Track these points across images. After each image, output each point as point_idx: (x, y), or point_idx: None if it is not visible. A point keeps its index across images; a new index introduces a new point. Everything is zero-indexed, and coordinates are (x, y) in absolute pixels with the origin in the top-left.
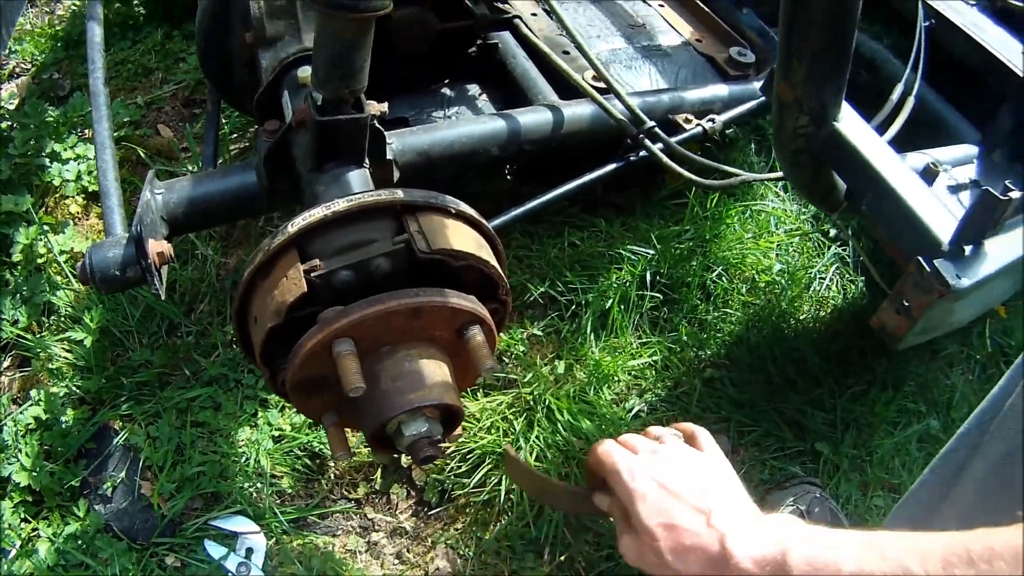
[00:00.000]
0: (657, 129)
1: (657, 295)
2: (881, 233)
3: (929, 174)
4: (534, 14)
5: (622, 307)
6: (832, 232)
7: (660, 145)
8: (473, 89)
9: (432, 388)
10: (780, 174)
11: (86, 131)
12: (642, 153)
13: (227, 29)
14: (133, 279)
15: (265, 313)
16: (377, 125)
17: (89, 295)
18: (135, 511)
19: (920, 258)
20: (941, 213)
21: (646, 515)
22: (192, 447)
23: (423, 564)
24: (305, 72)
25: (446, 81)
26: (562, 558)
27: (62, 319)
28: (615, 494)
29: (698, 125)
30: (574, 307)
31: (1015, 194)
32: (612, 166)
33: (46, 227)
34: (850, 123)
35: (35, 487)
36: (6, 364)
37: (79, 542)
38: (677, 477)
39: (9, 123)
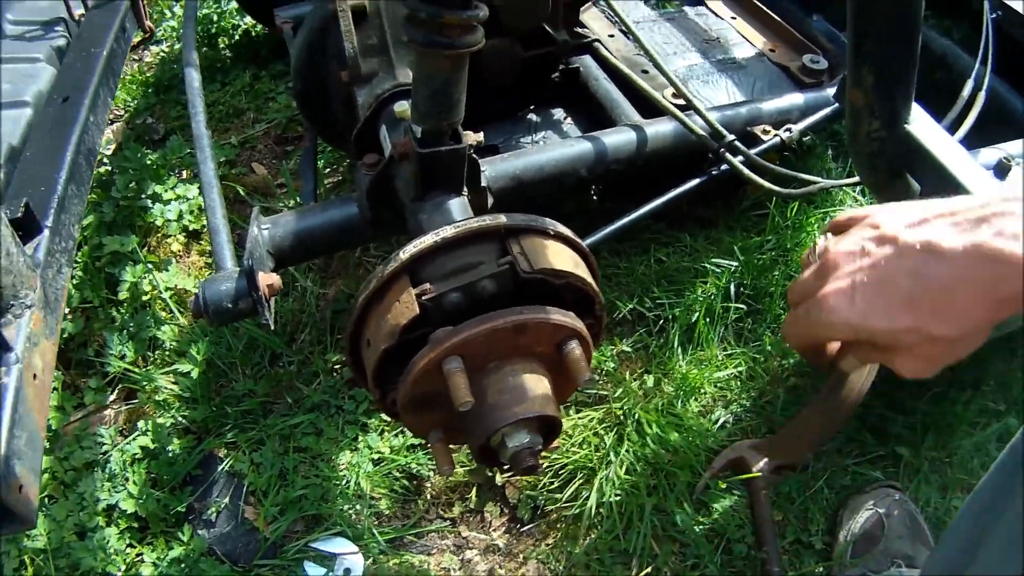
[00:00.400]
0: (737, 142)
1: (741, 306)
2: None
3: (1002, 169)
4: (611, 35)
5: (708, 320)
6: None
7: (740, 158)
8: (558, 113)
9: (534, 401)
10: (858, 179)
11: (183, 172)
12: (724, 166)
13: (322, 69)
14: (245, 311)
15: (379, 336)
16: (472, 155)
17: (192, 329)
18: (238, 535)
19: None
20: None
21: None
22: (295, 472)
23: None
24: (402, 107)
25: (531, 107)
26: (649, 569)
27: (167, 353)
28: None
29: (776, 136)
30: (661, 322)
31: None
32: (696, 181)
33: (150, 265)
34: (921, 124)
35: (141, 513)
36: (112, 398)
37: (182, 566)
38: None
39: (109, 167)
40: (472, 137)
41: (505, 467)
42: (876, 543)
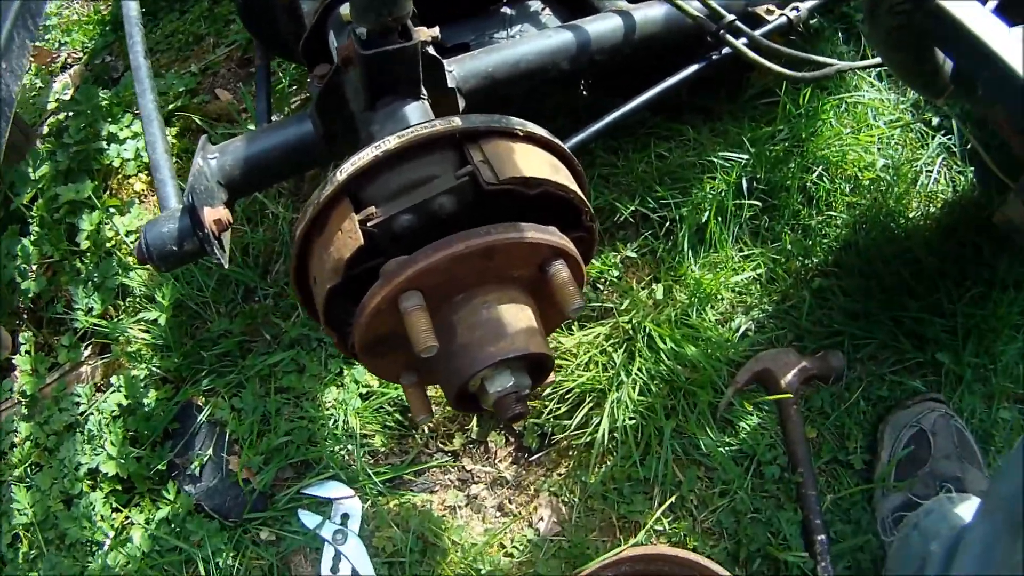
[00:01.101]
0: (738, 23)
1: (756, 203)
2: (1002, 117)
3: None
4: None
5: (719, 219)
6: (935, 120)
7: (743, 39)
8: (535, 4)
9: (515, 337)
10: (877, 60)
11: None
12: (725, 50)
13: None
14: (192, 251)
15: (323, 272)
16: (432, 52)
17: (161, 273)
18: (225, 488)
19: None
20: None
21: None
22: (278, 415)
23: (526, 515)
24: (347, 9)
25: (504, 0)
26: (673, 499)
27: (137, 300)
28: None
29: (782, 15)
30: (668, 224)
31: None
32: (694, 67)
33: (112, 210)
34: None
35: (123, 475)
36: (87, 353)
37: (171, 526)
38: None
39: (65, 113)
40: (425, 32)
41: (489, 413)
42: (922, 465)
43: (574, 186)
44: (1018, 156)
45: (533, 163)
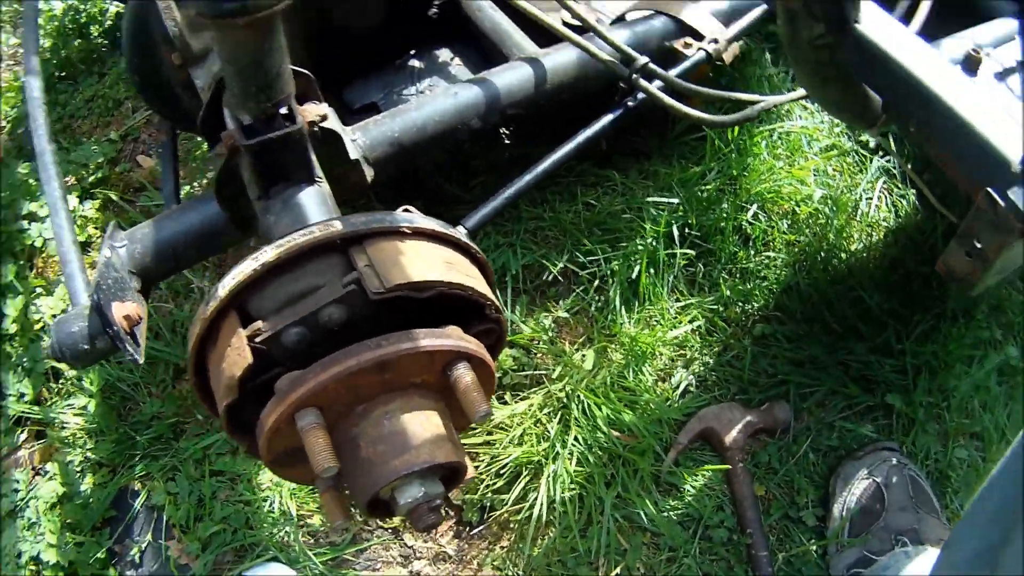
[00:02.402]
0: (651, 64)
1: (689, 250)
2: (937, 155)
3: (971, 63)
4: None
5: (652, 271)
6: (872, 142)
7: (658, 82)
8: (443, 54)
9: (420, 448)
10: (803, 92)
11: (68, 178)
12: (640, 95)
13: (155, 57)
14: (105, 349)
15: (220, 390)
16: (328, 126)
17: None
18: (167, 574)
19: (990, 190)
20: (1004, 123)
21: None
22: (213, 499)
23: None
24: None
25: (411, 52)
26: (618, 569)
27: (69, 383)
28: None
29: (700, 49)
30: (599, 279)
31: None
32: (609, 117)
33: (39, 289)
34: (874, 22)
35: (63, 563)
36: (23, 437)
37: None
38: None
39: None
40: (312, 112)
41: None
42: (876, 518)
43: (472, 281)
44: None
45: (423, 263)
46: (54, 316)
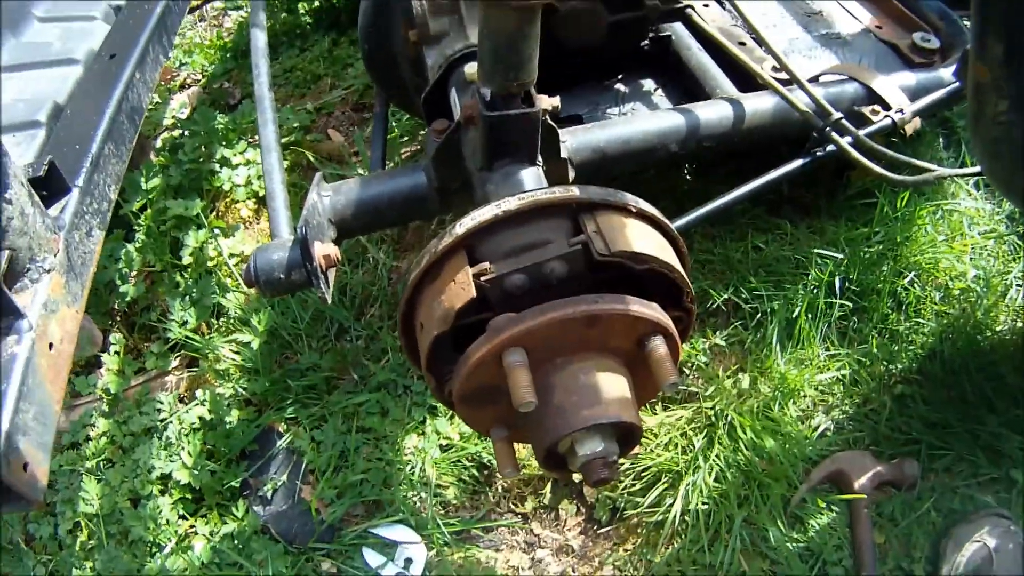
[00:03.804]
0: (845, 121)
1: (846, 303)
2: None
3: None
4: (706, 4)
5: (809, 316)
6: None
7: (848, 138)
8: (648, 84)
9: (609, 404)
10: (977, 169)
11: (256, 137)
12: (829, 147)
13: (390, 29)
14: (298, 282)
15: (432, 319)
16: (550, 121)
17: (258, 298)
18: (294, 515)
19: None
20: None
21: None
22: (356, 453)
23: None
24: (472, 68)
25: (619, 76)
26: None
27: (231, 321)
28: None
29: (887, 116)
30: (759, 315)
31: None
32: (799, 162)
33: (216, 231)
34: None
35: (195, 485)
36: (174, 364)
37: (235, 542)
38: None
39: (180, 131)
40: (547, 101)
41: (574, 475)
42: None
43: (678, 266)
44: None
45: (643, 239)
46: (231, 255)
